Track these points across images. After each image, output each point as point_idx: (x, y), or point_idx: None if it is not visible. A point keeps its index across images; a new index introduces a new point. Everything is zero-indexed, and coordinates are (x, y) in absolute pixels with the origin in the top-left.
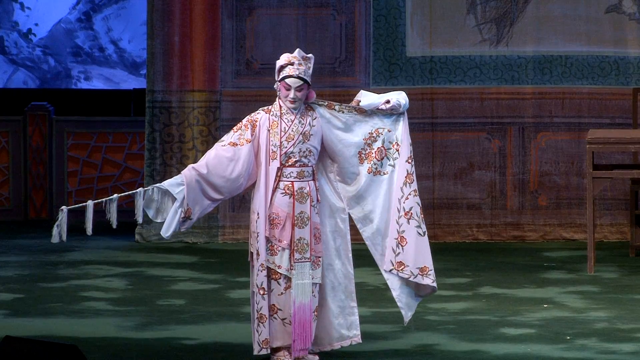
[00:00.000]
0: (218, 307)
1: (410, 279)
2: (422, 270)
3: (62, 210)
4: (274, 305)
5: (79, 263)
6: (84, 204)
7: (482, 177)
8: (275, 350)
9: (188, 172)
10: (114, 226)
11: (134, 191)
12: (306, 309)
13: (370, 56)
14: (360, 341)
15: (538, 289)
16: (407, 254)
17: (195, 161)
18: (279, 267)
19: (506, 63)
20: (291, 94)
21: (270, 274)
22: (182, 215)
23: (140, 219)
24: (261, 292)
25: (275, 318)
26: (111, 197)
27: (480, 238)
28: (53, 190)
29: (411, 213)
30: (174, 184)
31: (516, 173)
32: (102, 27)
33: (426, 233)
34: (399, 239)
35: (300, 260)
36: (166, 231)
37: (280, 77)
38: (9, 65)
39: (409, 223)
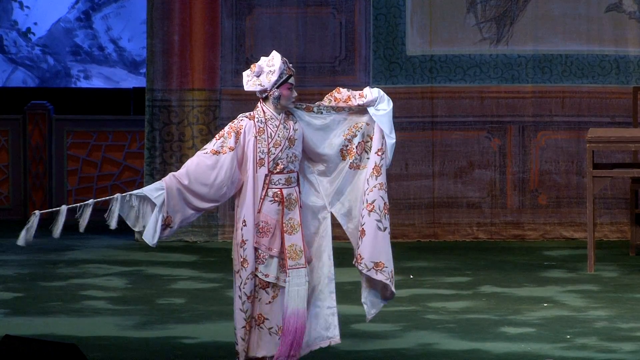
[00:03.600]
0: (217, 306)
1: (363, 272)
2: (377, 265)
3: (34, 214)
4: (260, 314)
5: (79, 262)
6: (57, 208)
7: (482, 176)
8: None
9: (169, 179)
10: (82, 230)
11: (110, 197)
12: (300, 314)
13: (370, 55)
14: (339, 342)
15: (538, 288)
16: (364, 246)
17: None
18: (267, 275)
19: (506, 62)
20: (294, 93)
21: (257, 282)
22: (162, 222)
23: (113, 225)
24: (249, 300)
25: (262, 328)
26: (87, 202)
27: (480, 237)
28: (53, 189)
29: (373, 206)
30: (153, 189)
31: (516, 172)
32: (101, 26)
33: (388, 229)
34: (360, 231)
35: (295, 267)
36: (152, 239)
37: (283, 78)
38: (8, 64)
39: (369, 216)
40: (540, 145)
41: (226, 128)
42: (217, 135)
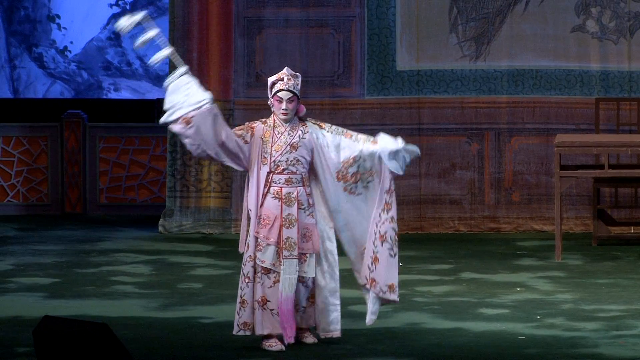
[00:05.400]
0: (231, 290)
1: (379, 295)
2: (390, 288)
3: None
4: (264, 297)
5: (109, 251)
6: (155, 30)
7: (462, 176)
8: (265, 337)
9: (215, 105)
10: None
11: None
12: (289, 301)
13: (364, 70)
14: (340, 335)
15: (512, 274)
16: (379, 272)
17: (210, 163)
18: (263, 261)
19: (484, 76)
20: (283, 106)
21: (259, 267)
22: (182, 120)
23: (132, 35)
24: (246, 280)
25: (265, 308)
26: (154, 32)
27: (461, 229)
28: (86, 188)
29: (385, 237)
30: (203, 91)
31: (493, 172)
32: (129, 44)
33: (397, 254)
34: (373, 258)
35: (288, 257)
36: (167, 117)
37: (273, 92)
38: (47, 78)
39: (382, 245)
40: (514, 149)
41: (247, 123)
42: (241, 126)
